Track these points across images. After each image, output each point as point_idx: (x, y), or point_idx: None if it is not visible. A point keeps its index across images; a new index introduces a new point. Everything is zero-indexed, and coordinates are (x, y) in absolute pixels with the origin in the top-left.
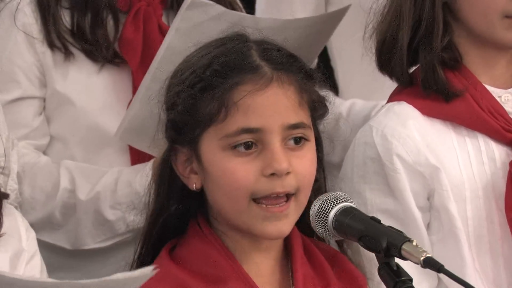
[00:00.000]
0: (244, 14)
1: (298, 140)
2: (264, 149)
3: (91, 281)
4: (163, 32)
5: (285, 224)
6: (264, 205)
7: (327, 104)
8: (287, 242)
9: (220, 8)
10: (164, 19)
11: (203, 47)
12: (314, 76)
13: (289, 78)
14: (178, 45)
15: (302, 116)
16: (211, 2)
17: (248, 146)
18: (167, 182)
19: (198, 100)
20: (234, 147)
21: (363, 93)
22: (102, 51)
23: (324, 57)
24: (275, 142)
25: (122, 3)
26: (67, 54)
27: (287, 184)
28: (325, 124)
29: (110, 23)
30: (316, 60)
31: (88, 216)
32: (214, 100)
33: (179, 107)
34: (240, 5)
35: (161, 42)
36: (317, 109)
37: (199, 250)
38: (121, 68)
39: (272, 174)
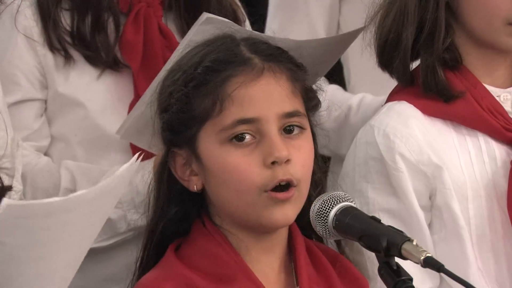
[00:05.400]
0: (257, 33)
1: (294, 129)
2: (262, 139)
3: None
4: (163, 33)
5: (290, 210)
6: (272, 192)
7: (319, 95)
8: (290, 242)
9: (234, 26)
10: (163, 20)
11: (192, 49)
12: (303, 67)
13: (280, 68)
14: None
15: (296, 104)
16: (226, 20)
17: (244, 137)
18: (166, 186)
19: (192, 98)
20: (232, 139)
21: (373, 90)
22: (102, 57)
23: None
24: (273, 130)
25: (122, 4)
26: (68, 58)
27: (288, 171)
28: (335, 118)
29: (111, 25)
30: None
31: None
32: (208, 95)
33: (173, 107)
34: (239, 3)
35: (161, 43)
36: (310, 99)
37: (205, 248)
38: (121, 70)
39: (273, 163)
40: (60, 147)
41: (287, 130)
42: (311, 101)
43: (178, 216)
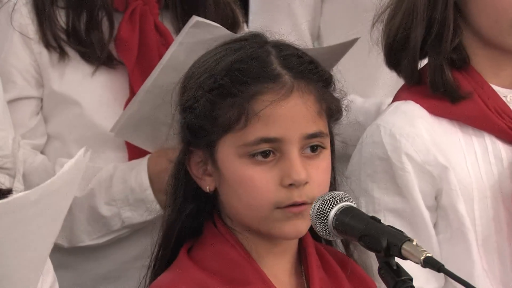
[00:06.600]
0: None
1: (314, 148)
2: (282, 158)
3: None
4: (159, 31)
5: (302, 224)
6: (285, 208)
7: (343, 108)
8: (301, 246)
9: (224, 31)
10: (160, 18)
11: (220, 48)
12: (332, 82)
13: (309, 87)
14: (182, 55)
15: (320, 125)
16: (216, 24)
17: (266, 154)
18: (183, 183)
19: (217, 106)
20: (252, 155)
21: (356, 90)
22: (96, 53)
23: None
24: (294, 152)
25: (118, 2)
26: (62, 55)
27: (305, 193)
28: None
29: (105, 23)
30: None
31: (83, 213)
32: (234, 108)
33: (196, 110)
34: (237, 7)
35: (157, 41)
36: (334, 115)
37: (218, 250)
38: (117, 67)
39: (291, 185)
40: (56, 145)
41: (312, 149)
42: (334, 116)
43: (193, 214)
